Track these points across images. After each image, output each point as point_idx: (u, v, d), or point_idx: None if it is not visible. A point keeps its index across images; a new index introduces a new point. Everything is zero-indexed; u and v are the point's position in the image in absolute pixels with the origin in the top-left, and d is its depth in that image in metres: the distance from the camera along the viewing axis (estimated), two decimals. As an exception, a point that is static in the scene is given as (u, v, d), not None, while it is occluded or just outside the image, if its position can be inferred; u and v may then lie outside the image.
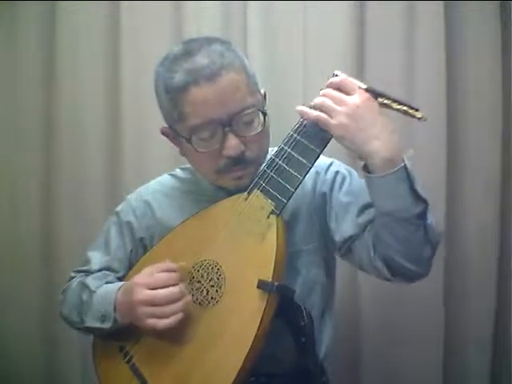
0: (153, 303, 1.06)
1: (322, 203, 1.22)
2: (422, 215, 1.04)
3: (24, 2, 1.79)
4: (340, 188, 1.20)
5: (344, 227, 1.15)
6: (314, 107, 1.04)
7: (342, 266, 1.34)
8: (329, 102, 1.02)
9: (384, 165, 1.00)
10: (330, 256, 1.29)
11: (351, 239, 1.14)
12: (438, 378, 1.65)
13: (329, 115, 1.01)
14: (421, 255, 1.07)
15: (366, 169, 1.03)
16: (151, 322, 1.06)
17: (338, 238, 1.17)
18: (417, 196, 1.02)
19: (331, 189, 1.21)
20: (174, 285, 1.06)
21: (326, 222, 1.21)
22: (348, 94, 1.02)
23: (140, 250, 1.28)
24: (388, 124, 1.02)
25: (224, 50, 1.09)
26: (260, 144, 1.14)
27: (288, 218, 1.19)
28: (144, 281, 1.08)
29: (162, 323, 1.05)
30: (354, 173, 1.22)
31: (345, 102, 1.01)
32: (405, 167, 1.00)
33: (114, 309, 1.14)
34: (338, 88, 1.03)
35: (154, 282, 1.07)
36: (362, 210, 1.13)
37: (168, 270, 1.09)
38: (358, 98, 1.01)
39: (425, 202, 1.03)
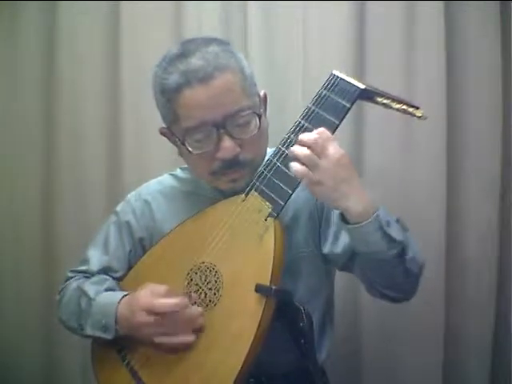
0: (159, 326, 1.07)
1: (321, 206, 1.22)
2: (399, 255, 1.05)
3: (24, 2, 1.79)
4: None
5: (338, 244, 1.18)
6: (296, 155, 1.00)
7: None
8: (312, 156, 0.98)
9: (357, 218, 1.01)
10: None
11: (345, 257, 1.17)
12: (437, 378, 1.65)
13: (309, 168, 0.99)
14: (403, 286, 1.12)
15: (342, 216, 1.04)
16: (159, 339, 1.07)
17: (329, 253, 1.19)
18: (392, 241, 1.03)
19: None
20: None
21: (320, 229, 1.22)
22: (324, 149, 0.99)
23: (139, 250, 1.28)
24: (357, 178, 1.02)
25: (220, 51, 1.09)
26: (256, 146, 1.13)
27: (289, 221, 1.19)
28: (149, 304, 1.08)
29: (170, 340, 1.07)
30: None
31: (327, 156, 0.98)
32: (377, 217, 1.01)
33: (116, 321, 1.13)
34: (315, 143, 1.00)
35: (159, 308, 1.07)
36: None
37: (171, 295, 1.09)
38: (335, 156, 0.99)
39: (401, 243, 1.04)
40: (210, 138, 1.09)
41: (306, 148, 0.99)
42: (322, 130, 1.00)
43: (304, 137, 1.00)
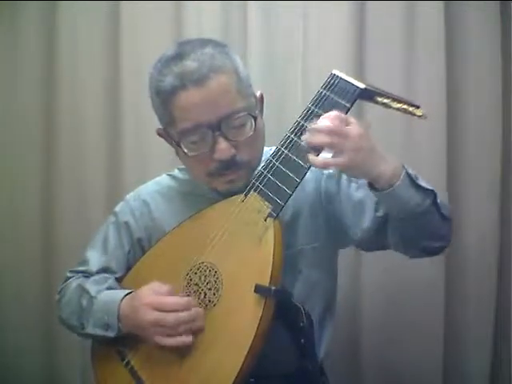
0: (162, 325, 1.06)
1: (328, 200, 1.22)
2: (434, 202, 1.06)
3: (24, 1, 1.79)
4: (349, 184, 1.20)
5: (364, 222, 1.16)
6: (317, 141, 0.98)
7: (343, 265, 1.34)
8: (336, 139, 0.97)
9: (391, 180, 1.01)
10: (332, 256, 1.29)
11: (373, 232, 1.16)
12: (437, 377, 1.65)
13: (335, 150, 0.97)
14: (441, 233, 1.13)
15: (372, 186, 1.04)
16: (159, 339, 1.07)
17: (359, 232, 1.18)
18: (424, 191, 1.05)
19: (338, 186, 1.21)
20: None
21: (335, 220, 1.21)
22: (344, 130, 0.98)
23: (138, 250, 1.28)
24: (377, 144, 1.02)
25: (216, 52, 1.09)
26: (252, 147, 1.13)
27: (289, 218, 1.19)
28: (152, 301, 1.08)
29: (168, 342, 1.06)
30: None
31: (348, 136, 0.97)
32: (406, 173, 1.02)
33: (118, 319, 1.13)
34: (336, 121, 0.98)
35: (162, 305, 1.07)
36: (377, 203, 1.14)
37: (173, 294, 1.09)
38: (356, 128, 0.99)
39: (432, 191, 1.06)
40: (205, 140, 1.09)
41: (326, 135, 0.97)
42: (334, 113, 0.99)
43: (321, 124, 0.98)
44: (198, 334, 1.06)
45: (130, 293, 1.15)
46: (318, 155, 0.99)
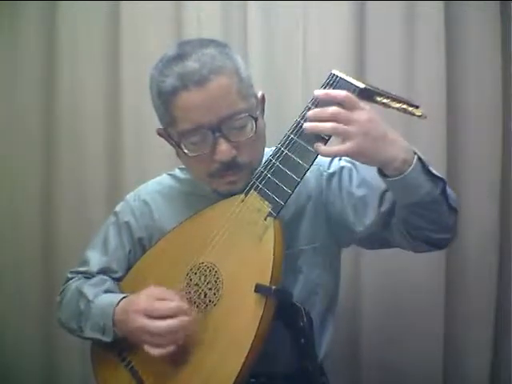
0: (150, 333, 1.06)
1: (330, 200, 1.21)
2: (443, 191, 1.05)
3: (24, 1, 1.79)
4: (350, 182, 1.19)
5: (367, 219, 1.15)
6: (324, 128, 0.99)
7: (342, 266, 1.34)
8: (341, 125, 0.97)
9: (403, 165, 0.99)
10: (334, 256, 1.29)
11: (376, 228, 1.15)
12: (437, 378, 1.65)
13: (342, 137, 0.97)
14: (449, 224, 1.11)
15: (382, 173, 1.02)
16: (147, 348, 1.07)
17: (362, 229, 1.17)
18: (435, 178, 1.03)
19: (340, 185, 1.20)
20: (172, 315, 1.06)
21: (336, 219, 1.21)
22: (353, 109, 0.98)
23: (139, 250, 1.28)
24: (388, 126, 1.01)
25: (217, 53, 1.08)
26: (253, 149, 1.12)
27: (290, 217, 1.19)
28: (142, 307, 1.08)
29: (157, 352, 1.06)
30: (355, 162, 1.19)
31: (355, 121, 0.97)
32: (418, 158, 1.01)
33: (113, 323, 1.14)
34: (342, 104, 0.98)
35: (152, 312, 1.07)
36: (380, 198, 1.13)
37: (169, 299, 1.08)
38: (365, 113, 0.98)
39: (442, 179, 1.05)
40: (205, 141, 1.08)
41: (331, 123, 0.97)
42: (343, 93, 0.98)
43: (326, 110, 0.98)
44: (197, 334, 1.06)
45: (127, 297, 1.15)
46: (325, 144, 1.00)
